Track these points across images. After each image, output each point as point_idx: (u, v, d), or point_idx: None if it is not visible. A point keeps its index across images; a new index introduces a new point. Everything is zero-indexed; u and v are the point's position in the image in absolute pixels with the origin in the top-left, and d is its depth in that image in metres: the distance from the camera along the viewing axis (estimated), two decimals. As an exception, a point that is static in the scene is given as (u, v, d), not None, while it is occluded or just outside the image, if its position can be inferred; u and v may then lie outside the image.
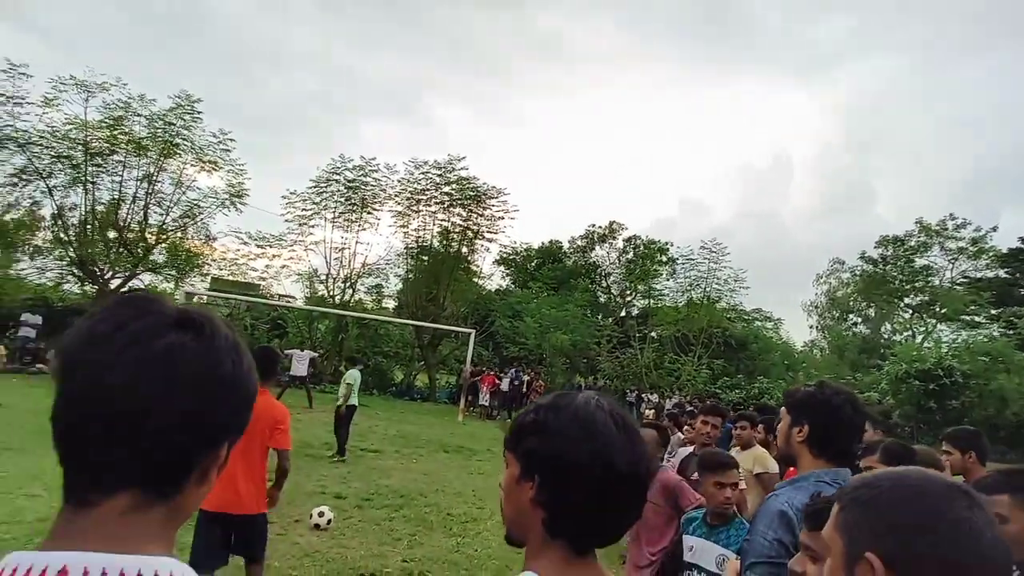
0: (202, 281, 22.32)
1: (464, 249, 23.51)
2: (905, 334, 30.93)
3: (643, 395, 21.15)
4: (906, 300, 31.08)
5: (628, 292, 38.23)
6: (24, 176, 17.99)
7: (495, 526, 6.69)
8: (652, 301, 25.29)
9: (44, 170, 17.94)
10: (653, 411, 17.35)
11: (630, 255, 40.67)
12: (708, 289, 24.05)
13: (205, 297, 19.93)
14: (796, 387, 2.13)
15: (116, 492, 0.62)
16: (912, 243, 29.84)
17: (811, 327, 36.81)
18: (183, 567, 0.62)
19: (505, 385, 18.69)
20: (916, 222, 29.71)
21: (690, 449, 5.18)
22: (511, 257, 30.96)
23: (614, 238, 41.69)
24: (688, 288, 24.58)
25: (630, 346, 24.48)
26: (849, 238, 64.50)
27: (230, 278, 22.49)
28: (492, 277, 28.38)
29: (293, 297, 23.77)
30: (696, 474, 3.29)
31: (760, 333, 32.94)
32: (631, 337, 24.64)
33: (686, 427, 8.17)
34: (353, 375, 9.72)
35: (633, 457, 0.93)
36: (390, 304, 25.30)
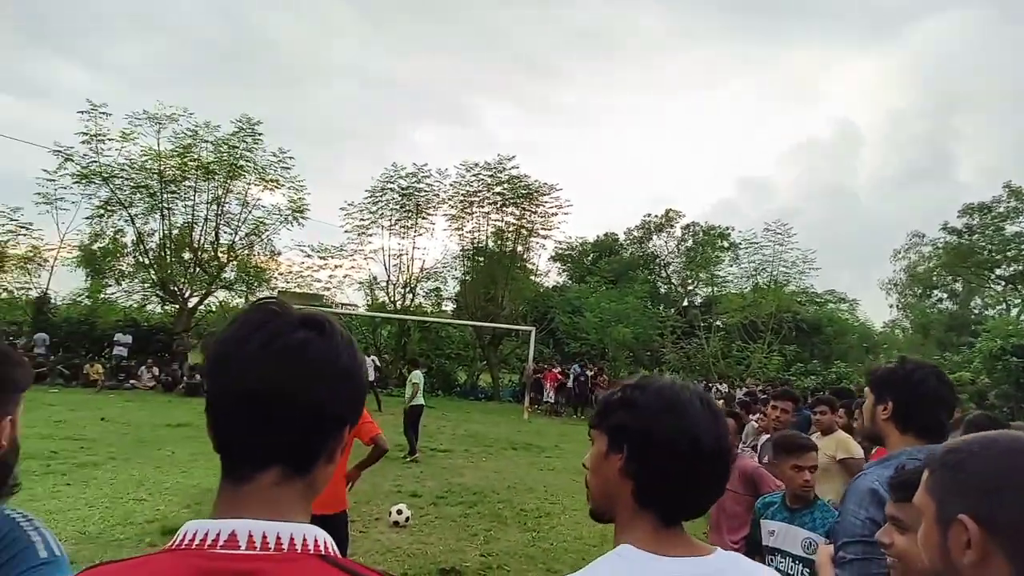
0: (269, 294, 23.43)
1: (519, 247, 23.64)
2: (998, 308, 28.73)
3: (711, 385, 20.57)
4: (997, 271, 28.82)
5: (689, 281, 37.32)
6: (109, 207, 19.44)
7: (569, 521, 6.70)
8: (716, 288, 24.53)
9: (126, 200, 19.32)
10: (722, 400, 16.90)
11: (689, 243, 39.75)
12: (775, 273, 23.11)
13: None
14: (878, 365, 2.10)
15: (267, 467, 0.70)
16: (1001, 209, 27.59)
17: (891, 306, 34.81)
18: (325, 534, 0.70)
19: (569, 382, 18.65)
20: (1004, 186, 27.46)
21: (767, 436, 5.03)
22: (566, 253, 30.82)
23: (671, 226, 40.78)
24: (753, 273, 23.70)
25: (695, 336, 23.87)
26: (928, 209, 60.64)
27: (297, 290, 23.55)
28: (549, 274, 28.41)
29: (355, 305, 24.60)
30: (767, 459, 3.20)
31: (834, 316, 31.42)
32: (695, 327, 24.03)
33: (758, 414, 7.93)
34: (417, 376, 9.99)
35: (717, 434, 0.96)
36: (449, 306, 25.78)
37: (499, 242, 23.12)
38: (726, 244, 37.51)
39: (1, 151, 50.64)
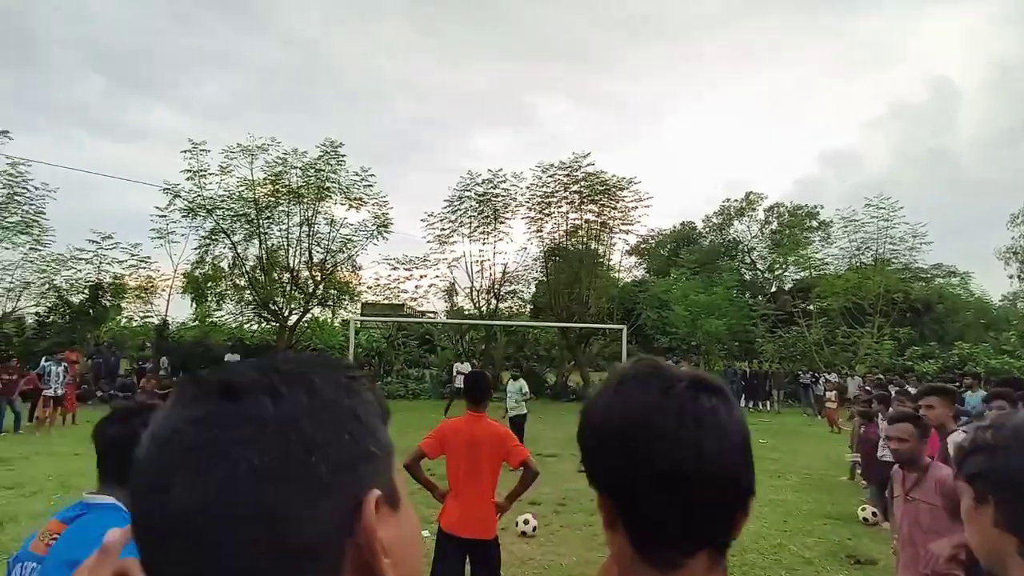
0: (352, 307, 24.49)
1: (600, 245, 23.28)
2: None
3: (818, 376, 19.35)
4: None
5: (777, 266, 35.41)
6: (213, 236, 20.86)
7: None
8: (813, 271, 23.03)
9: (228, 229, 20.65)
10: (835, 393, 15.81)
11: (774, 225, 37.75)
12: (881, 251, 21.41)
13: (358, 322, 21.44)
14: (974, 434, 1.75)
15: (697, 552, 0.64)
16: None
17: (1011, 277, 31.44)
18: None
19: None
20: None
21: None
22: (642, 246, 29.99)
23: (753, 210, 38.95)
24: (856, 252, 22.08)
25: (794, 323, 22.54)
26: (1045, 167, 54.30)
27: (384, 301, 24.37)
28: (630, 269, 27.82)
29: (434, 312, 25.09)
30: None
31: (945, 291, 28.84)
32: (792, 314, 22.70)
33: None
34: (522, 384, 9.94)
35: None
36: (528, 308, 25.78)
37: (580, 240, 22.87)
38: (815, 223, 35.40)
39: (110, 192, 55.77)
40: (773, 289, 32.87)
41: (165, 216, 20.30)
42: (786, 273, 33.86)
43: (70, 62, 50.45)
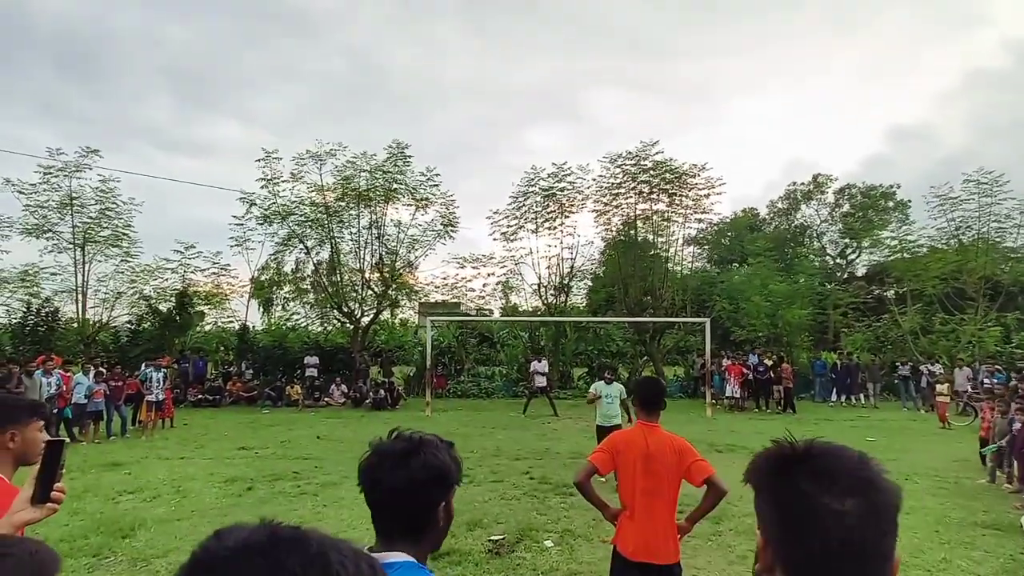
0: (409, 306, 24.58)
1: (660, 236, 22.50)
2: None
3: (920, 367, 18.00)
4: None
5: (850, 250, 33.58)
6: (288, 243, 21.39)
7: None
8: (904, 253, 21.42)
9: (302, 234, 21.11)
10: (948, 385, 14.64)
11: (845, 207, 35.74)
12: (984, 230, 19.71)
13: (426, 320, 21.35)
14: None
15: None
16: None
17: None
18: None
19: (750, 374, 17.32)
20: None
21: None
22: (701, 236, 28.75)
23: (822, 193, 37.04)
24: (955, 232, 20.43)
25: (888, 310, 21.08)
26: None
27: (444, 299, 24.38)
28: (692, 260, 26.72)
29: (490, 310, 24.86)
30: None
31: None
32: (884, 300, 21.26)
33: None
34: (600, 386, 8.68)
35: None
36: (595, 302, 25.22)
37: (649, 229, 22.17)
38: (891, 203, 33.24)
39: (189, 206, 58.51)
40: (845, 276, 31.09)
41: (242, 224, 21.00)
42: (859, 258, 32.02)
43: (144, 84, 53.29)
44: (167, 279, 21.13)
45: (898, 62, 66.75)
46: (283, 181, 20.57)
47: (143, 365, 14.53)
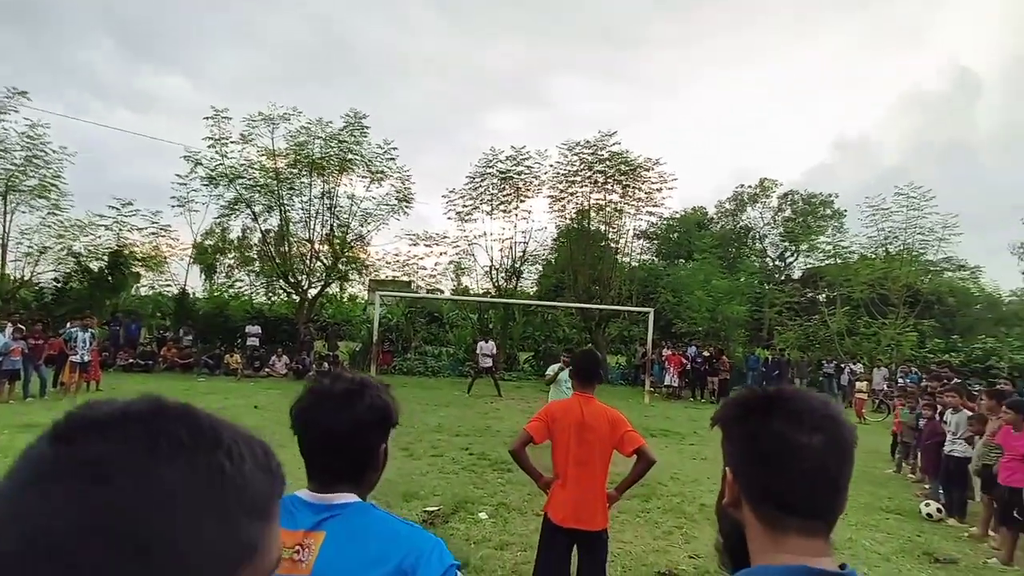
0: (359, 281, 24.17)
1: (611, 228, 22.93)
2: None
3: (843, 365, 19.14)
4: None
5: (789, 254, 35.32)
6: (234, 207, 20.57)
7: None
8: (837, 259, 22.66)
9: (249, 199, 20.34)
10: (866, 383, 15.65)
11: (787, 212, 37.44)
12: (910, 242, 21.04)
13: (375, 296, 21.01)
14: None
15: None
16: None
17: (1022, 273, 31.22)
18: None
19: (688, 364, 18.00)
20: None
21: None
22: (651, 230, 29.53)
23: (767, 196, 38.60)
24: (883, 242, 21.71)
25: (818, 311, 22.26)
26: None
27: (395, 277, 24.09)
28: (639, 253, 27.41)
29: (441, 290, 24.74)
30: None
31: (955, 284, 28.64)
32: (814, 302, 22.45)
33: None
34: (557, 368, 9.13)
35: None
36: (544, 288, 25.51)
37: (601, 220, 22.55)
38: (828, 212, 35.00)
39: (128, 161, 55.31)
40: (782, 278, 32.70)
41: (186, 184, 20.05)
42: (796, 261, 33.72)
43: (82, 22, 49.70)
44: (100, 236, 19.93)
45: (846, 76, 69.77)
46: (232, 142, 19.73)
47: (67, 324, 13.77)
